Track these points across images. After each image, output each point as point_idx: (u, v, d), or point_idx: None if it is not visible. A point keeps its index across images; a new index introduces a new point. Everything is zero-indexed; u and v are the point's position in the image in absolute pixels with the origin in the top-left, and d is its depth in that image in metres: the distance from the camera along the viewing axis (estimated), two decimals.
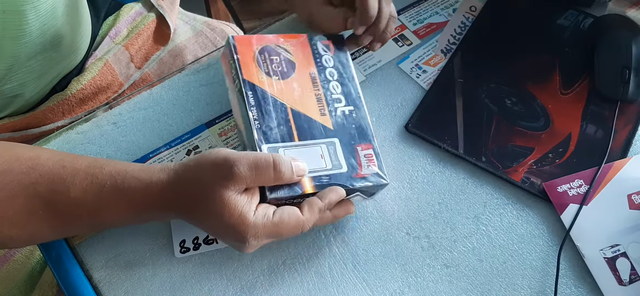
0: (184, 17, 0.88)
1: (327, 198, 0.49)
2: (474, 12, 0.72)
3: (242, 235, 0.46)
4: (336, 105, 0.55)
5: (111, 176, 0.47)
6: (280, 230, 0.47)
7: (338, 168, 0.51)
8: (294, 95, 0.54)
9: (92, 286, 0.53)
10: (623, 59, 0.63)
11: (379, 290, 0.53)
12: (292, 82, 0.54)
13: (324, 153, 0.52)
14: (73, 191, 0.47)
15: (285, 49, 0.56)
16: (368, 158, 0.53)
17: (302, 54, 0.57)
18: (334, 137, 0.53)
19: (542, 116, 0.63)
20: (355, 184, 0.51)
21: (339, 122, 0.54)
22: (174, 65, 0.81)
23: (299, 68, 0.56)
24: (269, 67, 0.54)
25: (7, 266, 0.64)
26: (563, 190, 0.57)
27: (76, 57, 0.72)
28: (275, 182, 0.47)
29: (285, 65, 0.55)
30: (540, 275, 0.54)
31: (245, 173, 0.45)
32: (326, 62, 0.57)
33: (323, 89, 0.55)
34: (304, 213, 0.48)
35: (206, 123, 0.62)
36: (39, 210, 0.47)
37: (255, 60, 0.54)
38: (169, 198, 0.47)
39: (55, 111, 0.72)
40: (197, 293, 0.52)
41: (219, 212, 0.45)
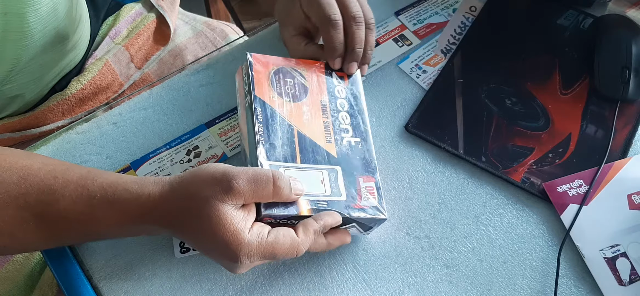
0: (184, 17, 0.88)
1: (322, 221, 0.48)
2: (474, 12, 0.72)
3: (235, 253, 0.44)
4: (343, 135, 0.55)
5: (102, 188, 0.46)
6: (275, 251, 0.45)
7: (337, 196, 0.50)
8: (303, 119, 0.54)
9: (92, 286, 0.53)
10: (623, 59, 0.63)
11: (378, 290, 0.53)
12: (302, 105, 0.55)
13: (324, 178, 0.51)
14: (63, 202, 0.46)
15: (300, 73, 0.56)
16: (368, 191, 0.52)
17: (316, 81, 0.57)
18: (337, 165, 0.52)
19: (542, 116, 0.63)
20: (352, 214, 0.50)
21: (344, 152, 0.54)
22: (174, 65, 0.81)
23: (312, 94, 0.56)
24: (282, 88, 0.55)
25: (7, 267, 0.64)
26: (563, 190, 0.57)
27: (76, 57, 0.72)
28: (274, 198, 0.46)
29: (298, 89, 0.55)
30: (540, 275, 0.54)
31: (244, 187, 0.44)
32: (339, 93, 0.57)
33: (332, 118, 0.55)
34: (299, 235, 0.47)
35: (206, 124, 0.62)
36: (30, 221, 0.46)
37: (269, 79, 0.55)
38: (161, 211, 0.46)
39: (55, 111, 0.72)
40: (197, 293, 0.52)
41: (214, 228, 0.44)
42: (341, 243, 0.51)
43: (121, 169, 0.59)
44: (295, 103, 0.54)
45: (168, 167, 0.59)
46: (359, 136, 0.55)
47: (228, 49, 0.69)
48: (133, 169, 0.59)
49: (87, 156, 0.60)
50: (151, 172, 0.59)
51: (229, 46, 0.69)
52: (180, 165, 0.59)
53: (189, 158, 0.60)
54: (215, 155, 0.60)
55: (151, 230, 0.48)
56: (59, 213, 0.46)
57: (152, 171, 0.59)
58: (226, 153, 0.60)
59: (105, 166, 0.59)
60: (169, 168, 0.59)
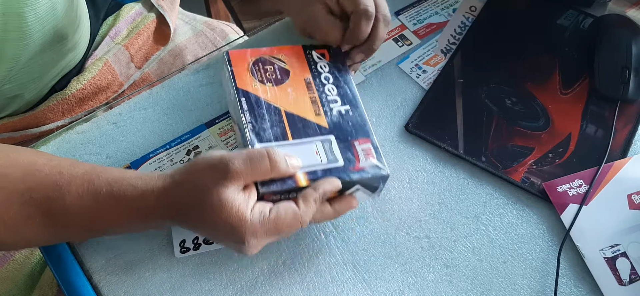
0: (184, 17, 0.88)
1: (320, 188, 0.48)
2: (474, 12, 0.72)
3: (241, 235, 0.45)
4: (332, 106, 0.55)
5: (108, 183, 0.47)
6: (279, 226, 0.46)
7: (334, 162, 0.51)
8: (288, 99, 0.54)
9: (92, 286, 0.53)
10: (623, 59, 0.63)
11: (378, 289, 0.53)
12: (286, 87, 0.55)
13: (318, 149, 0.51)
14: (69, 198, 0.46)
15: (279, 59, 0.57)
16: (366, 152, 0.52)
17: (296, 62, 0.57)
18: (330, 134, 0.53)
19: (542, 116, 0.63)
20: (352, 176, 0.50)
21: (335, 121, 0.54)
22: (174, 65, 0.81)
23: (294, 75, 0.56)
24: (263, 75, 0.55)
25: (7, 266, 0.64)
26: (563, 190, 0.57)
27: (75, 56, 0.72)
28: (272, 173, 0.47)
29: (279, 73, 0.56)
30: (540, 274, 0.54)
31: (240, 167, 0.45)
32: (321, 68, 0.58)
33: (318, 92, 0.55)
34: (300, 206, 0.47)
35: (206, 123, 0.62)
36: (35, 216, 0.46)
37: (249, 70, 0.56)
38: (165, 204, 0.46)
39: (55, 111, 0.72)
40: (197, 293, 0.52)
41: (217, 213, 0.45)
42: (349, 208, 0.51)
43: None
44: (278, 86, 0.55)
45: (168, 166, 0.59)
46: (348, 103, 0.56)
47: (228, 48, 0.69)
48: (133, 169, 0.59)
49: (87, 156, 0.60)
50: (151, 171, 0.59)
51: (229, 46, 0.69)
52: (180, 164, 0.59)
53: (189, 158, 0.60)
54: None
55: (157, 225, 0.49)
56: (64, 209, 0.46)
57: (152, 171, 0.59)
58: None
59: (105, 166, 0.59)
60: (169, 168, 0.59)
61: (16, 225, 0.47)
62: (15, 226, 0.47)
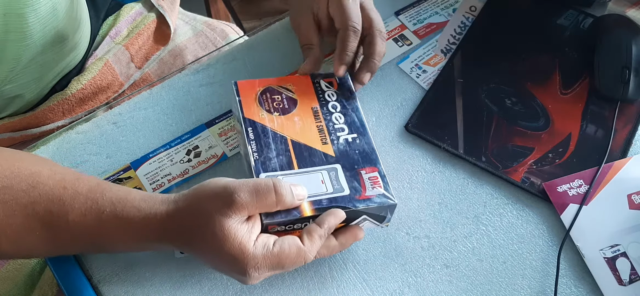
0: (184, 17, 0.88)
1: (325, 223, 0.47)
2: (474, 12, 0.72)
3: (243, 266, 0.44)
4: (339, 134, 0.55)
5: (111, 203, 0.46)
6: (282, 261, 0.45)
7: (340, 192, 0.50)
8: (295, 128, 0.54)
9: (92, 286, 0.53)
10: (623, 59, 0.63)
11: (378, 289, 0.53)
12: (293, 116, 0.55)
13: (324, 178, 0.51)
14: (72, 215, 0.46)
15: (286, 88, 0.58)
16: (372, 181, 0.52)
17: (304, 91, 0.58)
18: (336, 163, 0.52)
19: (542, 116, 0.63)
20: (358, 205, 0.50)
21: (342, 149, 0.54)
22: (174, 65, 0.81)
23: (301, 103, 0.57)
24: (270, 105, 0.56)
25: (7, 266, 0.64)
26: (563, 190, 0.57)
27: (76, 56, 0.72)
28: (277, 206, 0.46)
29: (287, 102, 0.56)
30: (540, 275, 0.54)
31: (246, 199, 0.44)
32: (329, 97, 0.58)
33: (325, 121, 0.56)
34: (304, 243, 0.46)
35: (206, 123, 0.62)
36: (37, 230, 0.46)
37: (257, 100, 0.56)
38: (168, 230, 0.46)
39: (55, 111, 0.72)
40: (197, 293, 0.52)
41: (220, 243, 0.44)
42: (354, 240, 0.51)
43: (121, 169, 0.59)
44: (285, 116, 0.55)
45: (168, 166, 0.59)
46: (356, 131, 0.55)
47: (228, 48, 0.69)
48: (133, 169, 0.59)
49: (87, 156, 0.60)
50: (151, 172, 0.59)
51: (229, 46, 0.69)
52: (180, 164, 0.59)
53: (189, 158, 0.60)
54: (215, 155, 0.60)
55: (160, 247, 0.49)
56: (67, 225, 0.46)
57: (152, 171, 0.59)
58: (226, 153, 0.60)
59: (105, 166, 0.59)
60: (169, 168, 0.59)
61: (18, 237, 0.46)
62: (17, 239, 0.46)
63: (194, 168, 0.59)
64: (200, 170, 0.59)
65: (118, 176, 0.58)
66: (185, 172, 0.59)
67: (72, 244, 0.49)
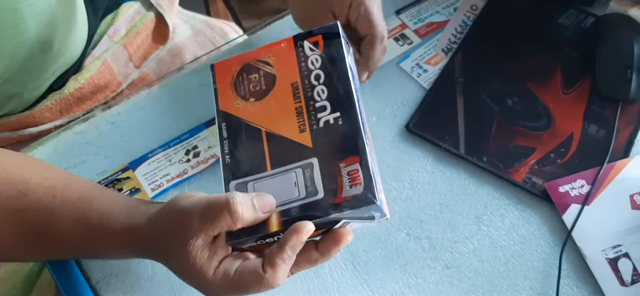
0: (183, 16, 0.87)
1: (287, 244, 0.42)
2: (475, 11, 0.71)
3: (207, 292, 0.43)
4: (319, 116, 0.47)
5: (98, 216, 0.46)
6: (243, 289, 0.42)
7: (313, 195, 0.44)
8: (271, 115, 0.48)
9: (90, 287, 0.52)
10: (624, 59, 0.63)
11: (379, 290, 0.53)
12: (269, 100, 0.49)
13: (298, 179, 0.45)
14: (61, 225, 0.46)
15: (266, 62, 0.50)
16: (352, 176, 0.44)
17: (285, 62, 0.50)
18: (313, 157, 0.46)
19: (544, 116, 0.63)
20: (331, 213, 0.43)
21: (320, 137, 0.46)
22: (172, 64, 0.81)
23: (280, 80, 0.49)
24: (246, 88, 0.49)
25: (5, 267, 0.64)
26: (565, 190, 0.57)
27: (73, 55, 0.72)
28: (237, 225, 0.42)
29: (264, 82, 0.49)
30: (541, 275, 0.54)
31: (198, 226, 0.41)
32: (312, 64, 0.49)
33: (305, 99, 0.48)
34: (266, 270, 0.42)
35: (205, 123, 0.62)
36: (28, 237, 0.46)
37: (233, 84, 0.49)
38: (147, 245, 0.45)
39: (53, 110, 0.71)
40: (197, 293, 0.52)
41: (184, 269, 0.43)
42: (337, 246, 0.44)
43: (119, 169, 0.59)
44: (260, 101, 0.48)
45: (167, 166, 0.59)
46: (339, 108, 0.47)
47: (227, 48, 0.69)
48: (131, 169, 0.59)
49: (85, 156, 0.60)
50: (149, 172, 0.58)
51: (229, 45, 0.69)
52: (179, 165, 0.59)
53: (188, 158, 0.59)
54: (214, 155, 0.59)
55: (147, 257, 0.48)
56: (56, 234, 0.46)
57: (151, 171, 0.58)
58: None
59: (103, 166, 0.59)
60: (168, 168, 0.59)
61: (8, 244, 0.46)
62: (7, 245, 0.47)
63: (193, 168, 0.59)
64: (199, 170, 0.59)
65: (116, 176, 0.58)
66: (184, 172, 0.58)
67: (63, 251, 0.49)
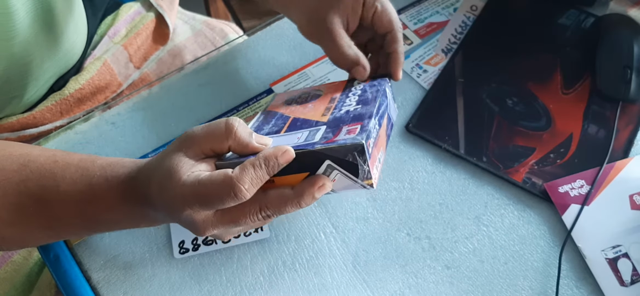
0: (183, 17, 0.87)
1: (263, 155, 0.41)
2: (475, 11, 0.71)
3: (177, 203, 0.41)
4: (343, 107, 0.49)
5: (101, 167, 0.46)
6: (207, 192, 0.40)
7: (310, 141, 0.44)
8: (303, 110, 0.51)
9: (90, 287, 0.52)
10: (625, 59, 0.63)
11: (379, 291, 0.53)
12: (308, 104, 0.53)
13: (301, 136, 0.45)
14: (63, 185, 0.46)
15: (318, 90, 0.55)
16: (350, 131, 0.44)
17: (333, 88, 0.55)
18: (323, 126, 0.46)
19: (544, 116, 0.63)
20: (316, 146, 0.42)
21: (336, 117, 0.47)
22: (173, 64, 0.81)
23: (324, 96, 0.53)
24: (294, 100, 0.55)
25: (5, 268, 0.64)
26: (564, 190, 0.57)
27: (73, 56, 0.72)
28: (228, 141, 0.42)
29: (310, 98, 0.54)
30: (541, 275, 0.54)
31: (196, 132, 0.43)
32: (354, 89, 0.53)
33: (338, 101, 0.51)
34: (234, 171, 0.40)
35: None
36: (30, 206, 0.46)
37: (285, 102, 0.55)
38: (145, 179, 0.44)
39: (54, 111, 0.71)
40: (196, 293, 0.52)
41: (166, 180, 0.41)
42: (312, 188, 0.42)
43: None
44: (301, 105, 0.53)
45: None
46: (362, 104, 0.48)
47: (227, 48, 0.69)
48: None
49: None
50: None
51: (229, 45, 0.69)
52: None
53: None
54: None
55: (145, 214, 0.46)
56: (58, 196, 0.46)
57: None
58: None
59: None
60: None
61: (11, 217, 0.46)
62: (10, 219, 0.46)
63: None
64: None
65: None
66: None
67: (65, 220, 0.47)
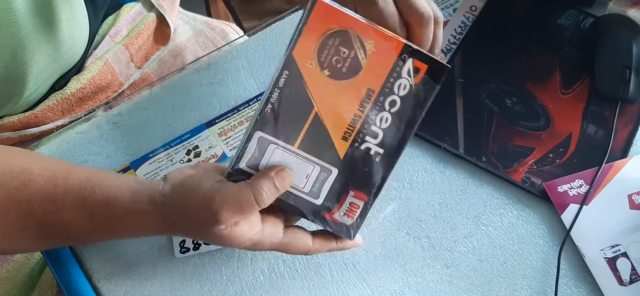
0: (184, 17, 0.88)
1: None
2: (475, 12, 0.72)
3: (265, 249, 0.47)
4: (367, 139, 0.45)
5: (102, 204, 0.46)
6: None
7: (313, 197, 0.46)
8: (331, 101, 0.44)
9: (92, 286, 0.53)
10: (623, 59, 0.63)
11: (379, 290, 0.53)
12: (340, 86, 0.44)
13: (311, 174, 0.46)
14: (65, 213, 0.46)
15: (363, 46, 0.44)
16: (351, 208, 0.47)
17: (378, 62, 0.44)
18: (335, 167, 0.46)
19: (543, 116, 0.63)
20: (315, 221, 0.46)
21: (354, 157, 0.46)
22: (174, 65, 0.81)
23: (362, 76, 0.44)
24: (329, 57, 0.43)
25: (7, 266, 0.64)
26: (563, 190, 0.57)
27: (74, 55, 0.72)
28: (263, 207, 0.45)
29: (349, 65, 0.44)
30: (540, 275, 0.54)
31: (231, 221, 0.44)
32: (398, 89, 0.45)
33: (368, 114, 0.45)
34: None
35: (206, 123, 0.62)
36: (32, 227, 0.46)
37: (319, 41, 0.43)
38: (161, 224, 0.46)
39: (55, 110, 0.71)
40: (197, 293, 0.52)
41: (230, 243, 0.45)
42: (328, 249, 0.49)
43: (121, 169, 0.59)
44: (333, 81, 0.44)
45: (168, 166, 0.59)
46: (386, 149, 0.46)
47: (228, 48, 0.69)
48: (133, 169, 0.59)
49: (87, 156, 0.60)
50: (151, 172, 0.59)
51: (229, 46, 0.69)
52: (180, 165, 0.59)
53: (189, 158, 0.60)
54: (215, 154, 0.60)
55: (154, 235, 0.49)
56: (61, 222, 0.47)
57: (152, 171, 0.59)
58: (226, 153, 0.60)
59: (104, 166, 0.59)
60: (169, 168, 0.59)
61: (13, 233, 0.47)
62: (12, 234, 0.47)
63: None
64: None
65: None
66: None
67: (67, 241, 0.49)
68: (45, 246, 0.50)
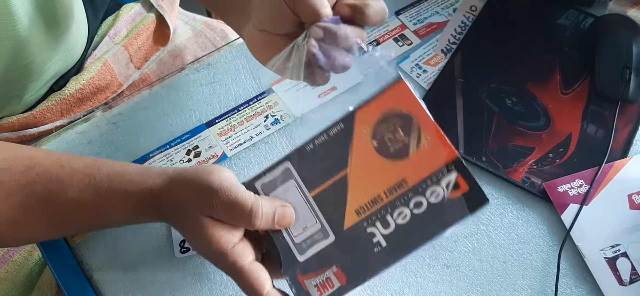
0: (184, 17, 0.88)
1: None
2: (475, 11, 0.72)
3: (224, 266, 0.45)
4: (377, 225, 0.44)
5: (109, 178, 0.47)
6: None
7: (299, 252, 0.45)
8: (364, 169, 0.44)
9: (91, 286, 0.53)
10: (623, 59, 0.63)
11: (378, 290, 0.53)
12: (381, 161, 0.44)
13: (309, 229, 0.45)
14: (70, 192, 0.47)
15: (418, 137, 0.44)
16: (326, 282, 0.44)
17: (424, 159, 0.43)
18: (333, 236, 0.44)
19: (543, 116, 0.63)
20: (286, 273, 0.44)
21: (356, 235, 0.44)
22: (173, 65, 0.81)
23: (403, 164, 0.43)
24: (383, 131, 0.44)
25: (6, 267, 0.64)
26: (563, 190, 0.57)
27: (73, 56, 0.72)
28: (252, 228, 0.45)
29: (398, 148, 0.44)
30: (540, 275, 0.54)
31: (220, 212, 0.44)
32: (430, 194, 0.44)
33: (392, 200, 0.44)
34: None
35: (206, 123, 0.62)
36: (37, 208, 0.47)
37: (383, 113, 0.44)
38: (161, 204, 0.46)
39: (54, 111, 0.71)
40: (197, 293, 0.52)
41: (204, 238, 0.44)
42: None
43: None
44: (377, 154, 0.44)
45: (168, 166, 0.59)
46: (388, 244, 0.44)
47: (228, 48, 0.69)
48: None
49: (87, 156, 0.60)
50: None
51: (229, 46, 0.69)
52: (180, 165, 0.59)
53: (189, 158, 0.60)
54: (215, 154, 0.60)
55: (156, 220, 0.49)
56: (66, 202, 0.47)
57: None
58: (226, 152, 0.60)
59: None
60: None
61: (17, 217, 0.47)
62: (17, 219, 0.47)
63: None
64: None
65: None
66: None
67: (73, 222, 0.49)
68: (49, 234, 0.50)
